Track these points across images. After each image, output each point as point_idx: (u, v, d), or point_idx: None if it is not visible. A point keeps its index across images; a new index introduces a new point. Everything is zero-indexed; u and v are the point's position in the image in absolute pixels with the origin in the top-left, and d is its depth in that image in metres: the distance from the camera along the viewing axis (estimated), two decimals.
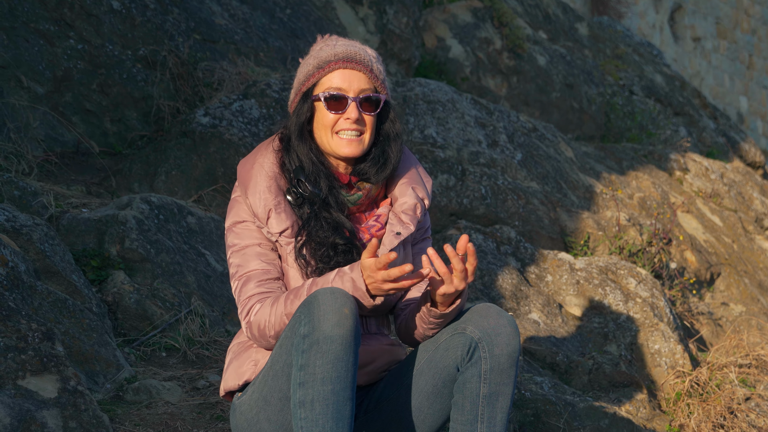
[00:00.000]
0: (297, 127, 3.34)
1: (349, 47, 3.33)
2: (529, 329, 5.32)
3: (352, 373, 3.02)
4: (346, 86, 3.29)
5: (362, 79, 3.30)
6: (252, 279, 3.26)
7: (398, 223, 3.38)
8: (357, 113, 3.28)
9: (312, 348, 2.99)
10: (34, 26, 6.14)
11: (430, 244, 3.52)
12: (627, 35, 11.64)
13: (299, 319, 3.04)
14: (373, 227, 3.38)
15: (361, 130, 3.30)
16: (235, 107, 6.00)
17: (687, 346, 5.74)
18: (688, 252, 7.03)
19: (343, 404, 2.99)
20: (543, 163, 6.77)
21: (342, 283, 3.12)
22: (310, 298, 3.04)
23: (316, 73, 3.32)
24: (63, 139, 5.96)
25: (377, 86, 3.33)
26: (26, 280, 3.98)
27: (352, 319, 3.00)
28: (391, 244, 3.34)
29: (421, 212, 3.42)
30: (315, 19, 7.86)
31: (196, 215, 5.18)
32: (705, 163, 8.60)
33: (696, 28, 16.29)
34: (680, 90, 10.92)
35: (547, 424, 4.53)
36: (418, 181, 3.45)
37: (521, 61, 9.07)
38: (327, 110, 3.28)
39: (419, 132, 6.33)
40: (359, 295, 3.11)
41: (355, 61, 3.30)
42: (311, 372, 2.99)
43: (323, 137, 3.32)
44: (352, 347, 3.01)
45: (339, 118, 3.29)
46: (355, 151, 3.30)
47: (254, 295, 3.24)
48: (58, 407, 3.46)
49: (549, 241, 6.19)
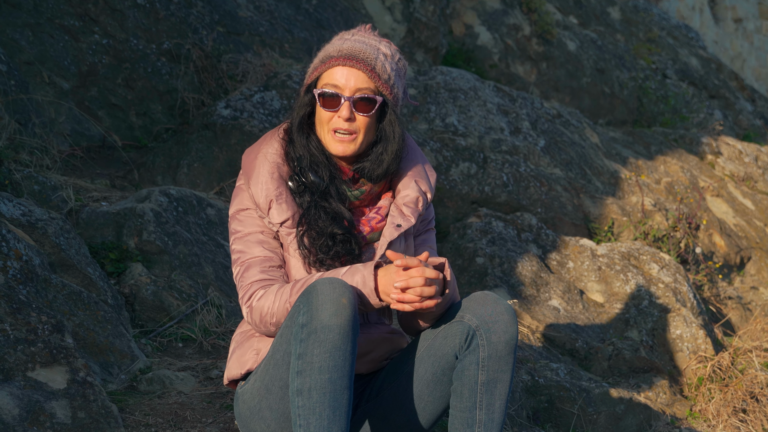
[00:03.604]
0: (297, 120, 3.36)
1: (357, 44, 3.32)
2: (549, 316, 5.33)
3: (350, 363, 3.05)
4: (343, 84, 3.28)
5: (360, 78, 3.28)
6: (254, 265, 3.30)
7: (399, 215, 3.40)
8: (349, 113, 3.27)
9: (310, 337, 3.02)
10: (59, 22, 6.22)
11: (433, 235, 3.56)
12: (663, 18, 11.55)
13: (298, 308, 3.08)
14: (374, 219, 3.41)
15: (353, 130, 3.29)
16: (256, 99, 6.05)
17: (711, 331, 5.71)
18: (717, 236, 6.98)
19: (340, 393, 3.03)
20: (567, 150, 6.75)
21: (352, 279, 3.16)
22: (309, 288, 3.07)
23: (320, 67, 3.33)
24: (89, 134, 6.05)
25: (379, 86, 3.30)
26: (40, 274, 4.05)
27: (350, 308, 3.03)
28: (392, 236, 3.37)
29: (422, 205, 3.44)
30: (341, 9, 7.89)
31: (216, 207, 5.23)
32: (739, 146, 8.53)
33: (737, 9, 16.12)
34: (716, 72, 10.83)
35: (561, 410, 4.54)
36: (422, 175, 3.47)
37: (551, 46, 9.04)
38: (321, 107, 3.30)
39: (440, 120, 6.35)
40: (367, 292, 3.14)
41: (356, 59, 3.28)
42: (309, 361, 3.02)
43: (321, 132, 3.34)
44: (350, 337, 3.04)
45: (333, 116, 3.30)
46: (345, 150, 3.31)
47: (257, 281, 3.28)
48: (67, 398, 3.53)
49: (572, 227, 6.19)
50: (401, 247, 3.41)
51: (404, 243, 3.43)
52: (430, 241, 3.53)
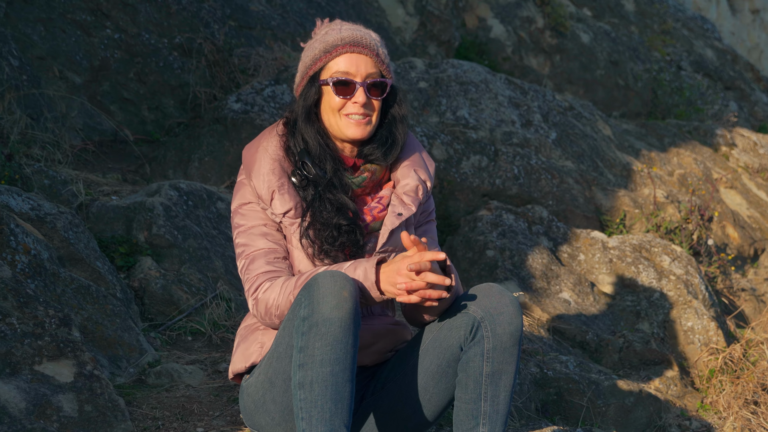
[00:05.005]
0: (304, 110, 3.39)
1: (355, 31, 3.38)
2: (559, 308, 5.32)
3: (352, 355, 3.06)
4: (354, 70, 3.33)
5: (369, 63, 3.35)
6: (259, 257, 3.31)
7: (400, 204, 3.42)
8: (365, 97, 3.33)
9: (311, 330, 3.03)
10: (71, 17, 6.25)
11: (434, 227, 3.56)
12: (678, 9, 11.51)
13: (300, 301, 3.09)
14: (375, 209, 3.43)
15: (369, 114, 3.35)
16: (267, 92, 6.06)
17: (723, 323, 5.70)
18: (730, 228, 6.96)
19: (342, 386, 3.03)
20: (578, 142, 6.74)
21: (354, 272, 3.17)
22: (310, 281, 3.08)
23: (323, 57, 3.36)
24: (101, 128, 6.07)
25: (383, 70, 3.38)
26: (49, 268, 4.07)
27: (352, 301, 3.04)
28: (393, 224, 3.38)
29: (423, 193, 3.45)
30: (353, 2, 7.89)
31: (226, 201, 5.24)
32: (753, 138, 8.49)
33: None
34: (731, 64, 10.78)
35: (570, 402, 4.54)
36: (421, 164, 3.49)
37: (564, 39, 9.02)
38: (335, 95, 3.33)
39: (451, 113, 6.34)
40: (368, 285, 3.15)
41: (362, 45, 3.34)
42: (310, 354, 3.03)
43: (330, 119, 3.37)
44: (352, 329, 3.05)
45: (346, 102, 3.33)
46: (363, 132, 3.35)
47: (263, 272, 3.29)
48: (74, 391, 3.55)
49: (584, 219, 6.18)
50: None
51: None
52: (430, 232, 3.54)
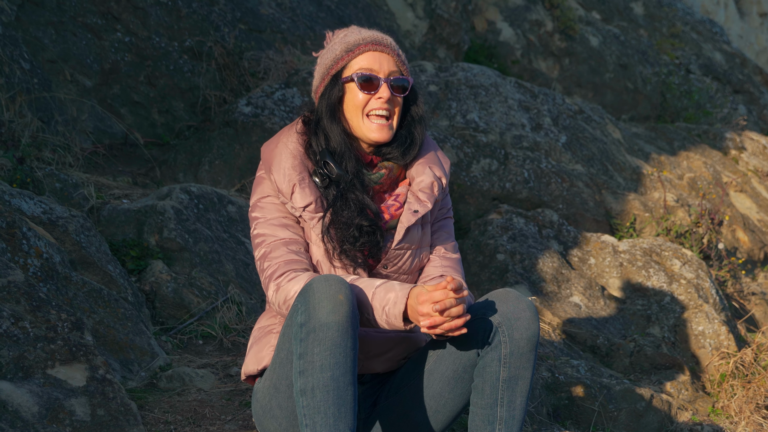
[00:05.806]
0: (328, 109, 3.39)
1: (375, 33, 3.44)
2: (570, 312, 5.31)
3: (352, 359, 3.05)
4: (377, 68, 3.38)
5: (391, 62, 3.40)
6: (281, 246, 3.31)
7: (416, 201, 3.43)
8: (389, 93, 3.36)
9: (309, 336, 3.02)
10: (81, 20, 6.25)
11: (451, 223, 3.57)
12: (687, 12, 11.50)
13: (296, 308, 3.08)
14: (392, 206, 3.44)
15: (391, 111, 3.38)
16: (277, 96, 6.06)
17: (734, 327, 5.68)
18: (740, 231, 6.95)
19: (344, 390, 3.02)
20: (588, 146, 6.73)
21: (384, 294, 3.16)
22: (305, 286, 3.07)
23: (345, 56, 3.40)
24: (111, 131, 6.07)
25: (403, 70, 3.43)
26: (61, 271, 4.07)
27: (348, 305, 3.03)
28: (409, 222, 3.39)
29: (438, 190, 3.46)
30: (363, 5, 7.89)
31: (237, 204, 5.24)
32: (763, 141, 8.47)
33: (762, 3, 16.02)
34: (740, 67, 10.77)
35: (581, 407, 4.53)
36: (436, 162, 3.51)
37: (573, 42, 9.01)
38: (359, 90, 3.35)
39: (461, 117, 6.34)
40: (395, 314, 3.14)
41: (383, 44, 3.40)
42: (310, 360, 3.02)
43: (353, 119, 3.38)
44: (350, 333, 3.04)
45: (370, 98, 3.36)
46: (385, 136, 3.37)
47: (288, 261, 3.28)
48: (86, 395, 3.54)
49: (594, 223, 6.17)
50: (418, 234, 3.43)
51: (421, 231, 3.45)
52: (447, 227, 3.55)
